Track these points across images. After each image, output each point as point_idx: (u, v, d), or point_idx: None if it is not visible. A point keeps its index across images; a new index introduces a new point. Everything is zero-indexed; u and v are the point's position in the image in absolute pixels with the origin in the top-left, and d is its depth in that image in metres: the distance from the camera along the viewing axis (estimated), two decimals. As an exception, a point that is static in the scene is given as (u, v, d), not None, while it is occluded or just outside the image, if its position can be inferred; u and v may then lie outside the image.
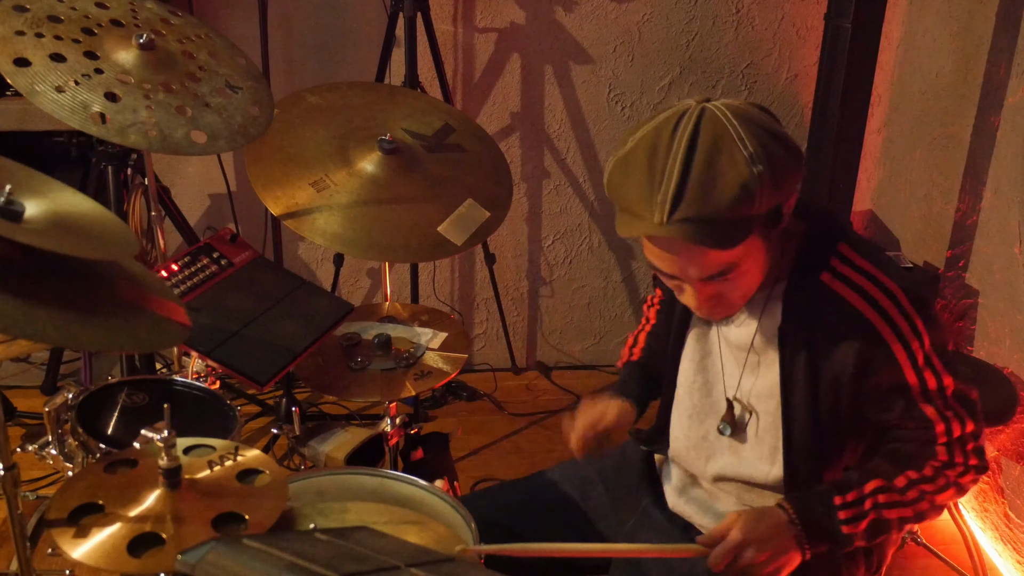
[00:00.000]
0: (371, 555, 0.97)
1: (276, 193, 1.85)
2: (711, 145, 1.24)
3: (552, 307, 3.43)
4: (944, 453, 1.42)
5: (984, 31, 2.56)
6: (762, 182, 1.23)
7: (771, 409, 1.47)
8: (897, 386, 1.38)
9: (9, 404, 2.76)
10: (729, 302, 1.39)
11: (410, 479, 1.62)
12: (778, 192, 1.27)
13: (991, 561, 2.52)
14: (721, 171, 1.23)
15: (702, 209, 1.23)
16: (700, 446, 1.58)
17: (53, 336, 1.17)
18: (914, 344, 1.36)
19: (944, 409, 1.40)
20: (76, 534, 1.23)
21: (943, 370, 1.39)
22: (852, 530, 1.40)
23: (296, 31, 2.96)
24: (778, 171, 1.25)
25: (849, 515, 1.40)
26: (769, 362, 1.46)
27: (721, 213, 1.23)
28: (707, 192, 1.23)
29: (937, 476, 1.42)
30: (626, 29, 3.06)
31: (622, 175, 1.31)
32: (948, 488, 1.43)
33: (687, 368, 1.59)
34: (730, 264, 1.31)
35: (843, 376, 1.39)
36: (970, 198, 2.64)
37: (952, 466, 1.43)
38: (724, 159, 1.23)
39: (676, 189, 1.23)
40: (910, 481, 1.42)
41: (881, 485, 1.41)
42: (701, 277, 1.33)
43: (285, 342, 1.83)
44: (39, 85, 1.59)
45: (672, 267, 1.33)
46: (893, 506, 1.41)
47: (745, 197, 1.23)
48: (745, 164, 1.23)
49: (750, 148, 1.24)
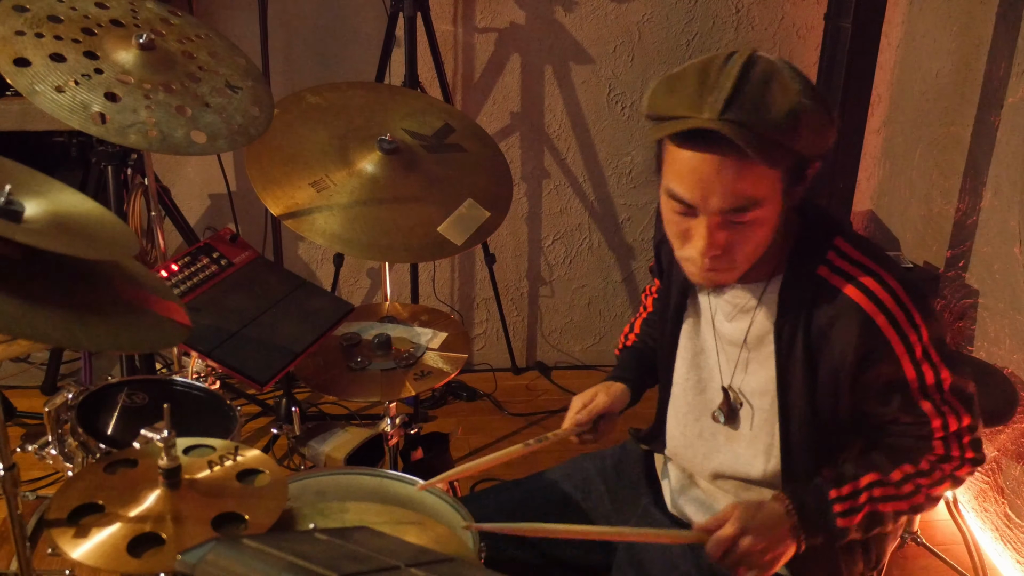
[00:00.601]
0: (371, 555, 0.97)
1: (276, 193, 1.85)
2: (764, 72, 1.25)
3: (552, 307, 3.43)
4: (941, 447, 1.43)
5: (984, 31, 2.56)
6: (810, 116, 1.24)
7: (767, 405, 1.47)
8: (895, 380, 1.38)
9: (9, 404, 2.77)
10: (732, 259, 1.35)
11: (410, 479, 1.62)
12: (815, 137, 1.27)
13: (991, 561, 2.52)
14: (774, 92, 1.24)
15: (753, 115, 1.22)
16: (696, 443, 1.58)
17: (53, 336, 1.17)
18: (912, 337, 1.36)
19: (941, 404, 1.40)
20: (76, 534, 1.23)
21: (940, 363, 1.39)
22: (847, 523, 1.41)
23: (296, 31, 2.96)
24: (820, 116, 1.27)
25: (844, 508, 1.41)
26: (764, 358, 1.46)
27: (769, 127, 1.23)
28: (760, 103, 1.23)
29: (933, 470, 1.43)
30: (626, 29, 3.06)
31: (668, 88, 1.29)
32: (944, 481, 1.44)
33: (681, 366, 1.59)
34: (751, 199, 1.28)
35: (841, 370, 1.39)
36: (970, 198, 2.64)
37: (948, 460, 1.43)
38: (776, 85, 1.25)
39: (731, 92, 1.22)
40: (906, 475, 1.42)
41: (876, 479, 1.42)
42: (721, 207, 1.28)
43: (285, 342, 1.83)
44: (39, 85, 1.59)
45: (695, 188, 1.28)
46: (888, 500, 1.42)
47: (793, 122, 1.23)
48: (796, 94, 1.24)
49: (799, 85, 1.26)
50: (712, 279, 1.40)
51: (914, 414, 1.41)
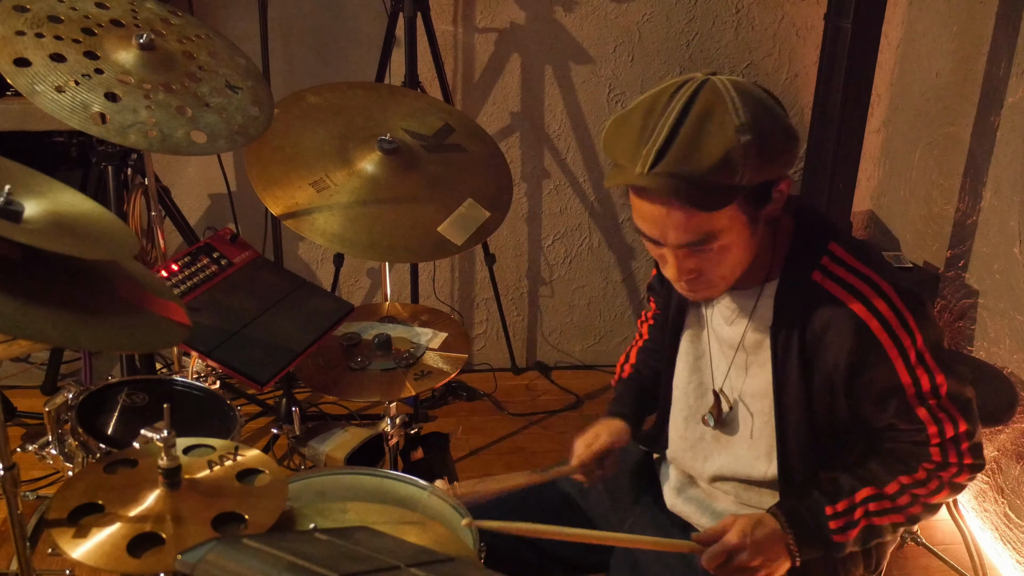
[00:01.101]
0: (371, 555, 0.97)
1: (276, 193, 1.85)
2: (704, 110, 1.25)
3: (552, 307, 3.43)
4: (938, 454, 1.42)
5: (984, 31, 2.56)
6: (747, 153, 1.24)
7: (765, 408, 1.47)
8: (890, 386, 1.38)
9: (9, 404, 2.76)
10: (709, 280, 1.38)
11: (410, 479, 1.62)
12: (764, 168, 1.27)
13: (991, 561, 2.52)
14: (708, 135, 1.24)
15: (683, 166, 1.23)
16: (697, 447, 1.58)
17: (53, 336, 1.17)
18: (906, 341, 1.36)
19: (937, 411, 1.39)
20: (76, 534, 1.23)
21: (936, 368, 1.38)
22: (843, 539, 1.41)
23: (296, 31, 2.96)
24: (767, 147, 1.26)
25: (840, 524, 1.41)
26: (761, 362, 1.46)
27: (701, 174, 1.23)
28: (691, 151, 1.23)
29: (930, 479, 1.42)
30: (626, 29, 3.06)
31: (617, 130, 1.32)
32: (942, 489, 1.43)
33: (682, 370, 1.60)
34: (709, 233, 1.30)
35: (836, 375, 1.38)
36: (970, 198, 2.64)
37: (946, 467, 1.42)
38: (714, 125, 1.24)
39: (662, 144, 1.24)
40: (902, 486, 1.42)
41: (872, 493, 1.41)
42: (680, 243, 1.31)
43: (285, 342, 1.83)
44: (39, 85, 1.59)
45: (653, 228, 1.32)
46: (884, 513, 1.42)
47: (727, 164, 1.23)
48: (733, 132, 1.24)
49: (742, 119, 1.25)
50: (696, 297, 1.44)
51: (910, 420, 1.40)
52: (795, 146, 1.31)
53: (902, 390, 1.38)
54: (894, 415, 1.40)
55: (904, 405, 1.39)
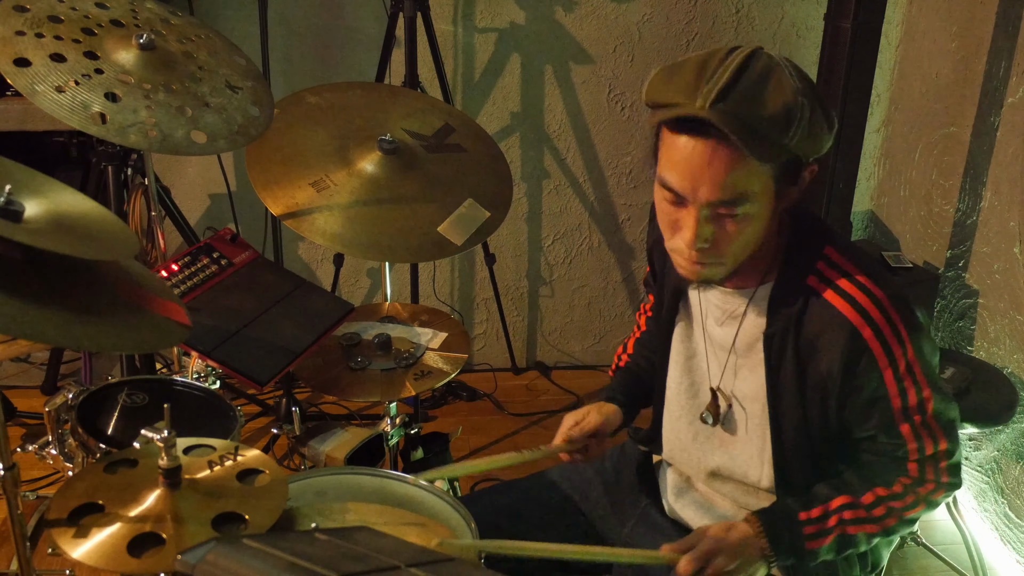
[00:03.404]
0: (371, 555, 0.97)
1: (276, 193, 1.85)
2: (763, 69, 1.25)
3: (552, 307, 3.43)
4: (915, 471, 1.42)
5: (984, 31, 2.56)
6: (803, 114, 1.24)
7: (758, 410, 1.47)
8: (876, 395, 1.37)
9: (9, 404, 2.76)
10: (720, 253, 1.34)
11: (410, 479, 1.62)
12: (810, 139, 1.27)
13: (991, 561, 2.52)
14: (770, 88, 1.24)
15: (746, 108, 1.22)
16: (691, 447, 1.58)
17: (53, 336, 1.17)
18: (897, 351, 1.35)
19: (920, 428, 1.39)
20: (76, 534, 1.23)
21: (924, 383, 1.37)
22: (816, 545, 1.40)
23: (296, 31, 2.96)
24: (816, 118, 1.27)
25: (813, 531, 1.40)
26: (754, 364, 1.46)
27: (761, 121, 1.23)
28: (754, 97, 1.23)
29: (906, 493, 1.42)
30: (626, 29, 3.06)
31: (667, 76, 1.29)
32: (917, 504, 1.43)
33: (674, 370, 1.59)
34: (741, 194, 1.27)
35: (829, 381, 1.38)
36: (970, 198, 2.64)
37: (922, 483, 1.42)
38: (774, 81, 1.25)
39: (726, 83, 1.23)
40: (878, 498, 1.41)
41: (847, 502, 1.41)
42: (710, 198, 1.27)
43: (285, 342, 1.83)
44: (39, 85, 1.59)
45: (686, 178, 1.28)
46: (859, 523, 1.41)
47: (786, 118, 1.23)
48: (792, 92, 1.24)
49: (798, 84, 1.26)
50: (699, 272, 1.38)
51: (891, 435, 1.40)
52: (833, 129, 1.32)
53: (887, 401, 1.37)
54: (876, 426, 1.40)
55: (888, 417, 1.38)
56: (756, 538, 1.40)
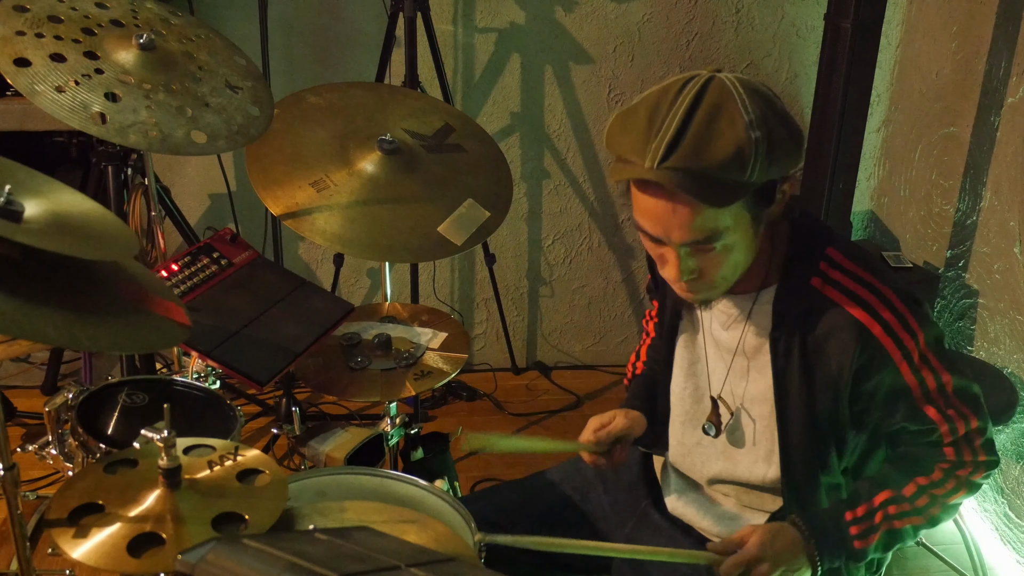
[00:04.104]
0: (371, 555, 0.97)
1: (276, 193, 1.85)
2: (713, 105, 1.24)
3: (552, 307, 3.42)
4: (952, 454, 1.41)
5: (984, 31, 2.56)
6: (757, 149, 1.23)
7: (765, 413, 1.47)
8: (896, 388, 1.37)
9: (9, 404, 2.77)
10: (710, 281, 1.36)
11: (410, 479, 1.62)
12: (773, 166, 1.26)
13: (991, 561, 2.52)
14: (719, 130, 1.23)
15: (694, 162, 1.22)
16: (695, 451, 1.58)
17: (53, 336, 1.17)
18: (909, 343, 1.35)
19: (946, 408, 1.39)
20: (76, 534, 1.23)
21: (940, 367, 1.38)
22: (864, 544, 1.40)
23: (296, 31, 2.96)
24: (775, 145, 1.25)
25: (860, 529, 1.40)
26: (761, 367, 1.45)
27: (712, 170, 1.22)
28: (702, 147, 1.22)
29: (947, 479, 1.42)
30: (626, 29, 3.06)
31: (622, 126, 1.30)
32: (959, 489, 1.43)
33: (678, 375, 1.59)
34: (714, 231, 1.28)
35: (839, 381, 1.38)
36: (970, 198, 2.64)
37: (962, 466, 1.42)
38: (724, 120, 1.23)
39: (672, 138, 1.22)
40: (919, 488, 1.41)
41: (890, 496, 1.41)
42: (683, 240, 1.29)
43: (285, 342, 1.83)
44: (39, 85, 1.59)
45: (657, 225, 1.30)
46: (904, 516, 1.41)
47: (738, 160, 1.22)
48: (744, 129, 1.23)
49: (751, 115, 1.24)
50: (694, 298, 1.41)
51: (920, 421, 1.40)
52: (801, 145, 1.31)
53: (908, 392, 1.37)
54: (903, 418, 1.40)
55: (912, 407, 1.38)
56: (803, 542, 1.40)
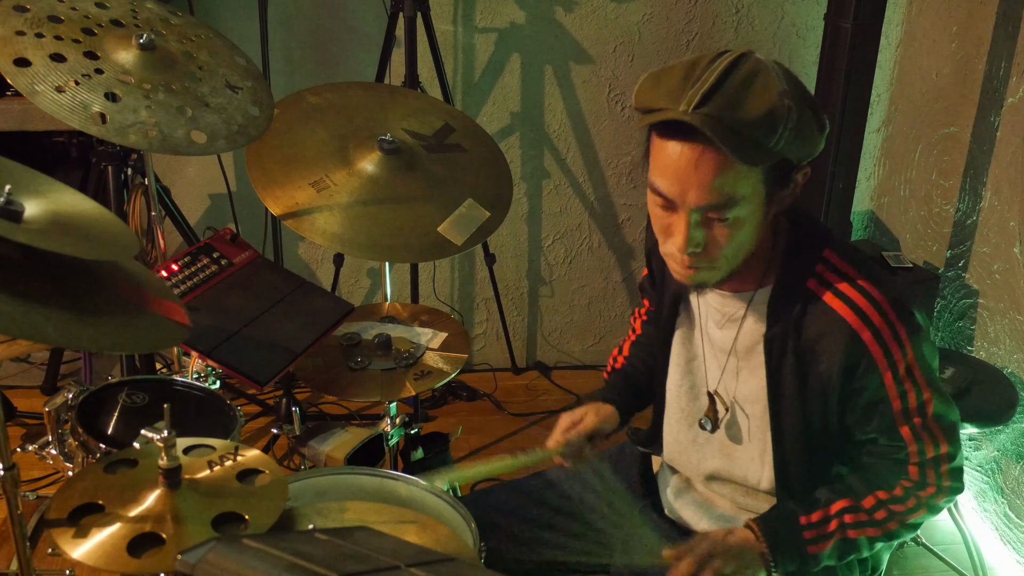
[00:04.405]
0: (371, 555, 0.97)
1: (276, 193, 1.85)
2: (750, 71, 1.25)
3: (552, 307, 3.43)
4: (916, 474, 1.41)
5: (984, 31, 2.56)
6: (789, 116, 1.24)
7: (759, 413, 1.47)
8: (877, 398, 1.37)
9: (9, 404, 2.77)
10: (712, 258, 1.34)
11: (410, 479, 1.62)
12: (797, 141, 1.26)
13: (991, 561, 2.52)
14: (755, 91, 1.24)
15: (729, 112, 1.22)
16: (691, 449, 1.58)
17: (53, 336, 1.17)
18: (896, 354, 1.35)
19: (921, 430, 1.38)
20: (76, 534, 1.23)
21: (924, 385, 1.37)
22: (817, 550, 1.40)
23: (296, 31, 2.96)
24: (804, 121, 1.26)
25: (813, 535, 1.40)
26: (755, 367, 1.45)
27: (745, 125, 1.22)
28: (738, 101, 1.23)
29: (908, 496, 1.41)
30: (626, 29, 3.06)
31: (654, 81, 1.30)
32: (919, 508, 1.42)
33: (674, 373, 1.59)
34: (731, 197, 1.27)
35: (829, 384, 1.38)
36: (970, 198, 2.64)
37: (923, 487, 1.41)
38: (760, 84, 1.24)
39: (711, 87, 1.23)
40: (879, 501, 1.41)
41: (848, 505, 1.41)
42: (699, 202, 1.28)
43: (285, 342, 1.83)
44: (39, 85, 1.59)
45: (674, 183, 1.28)
46: (860, 526, 1.41)
47: (770, 122, 1.23)
48: (778, 95, 1.24)
49: (786, 86, 1.25)
50: (693, 277, 1.38)
51: (892, 438, 1.39)
52: (823, 132, 1.31)
53: (888, 403, 1.37)
54: (877, 429, 1.39)
55: (888, 420, 1.38)
56: (756, 543, 1.40)
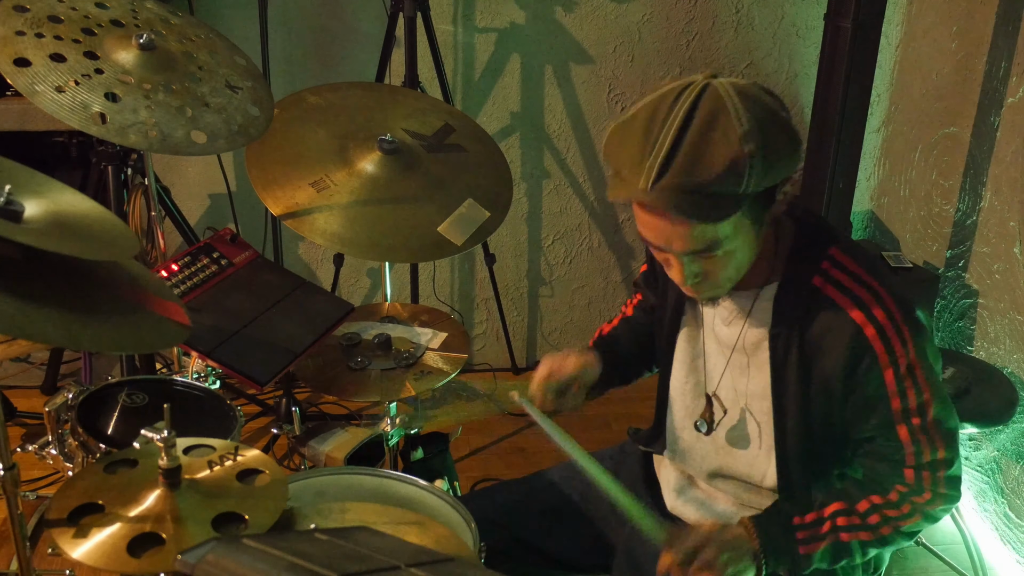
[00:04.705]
0: (371, 555, 0.97)
1: (276, 193, 1.85)
2: (707, 118, 1.23)
3: (552, 307, 3.42)
4: (912, 478, 1.40)
5: (984, 31, 2.56)
6: (752, 162, 1.22)
7: (763, 410, 1.47)
8: (877, 395, 1.37)
9: (9, 404, 2.76)
10: (715, 281, 1.37)
11: (410, 479, 1.62)
12: (769, 174, 1.26)
13: (991, 561, 2.52)
14: (712, 145, 1.22)
15: (687, 179, 1.22)
16: (695, 447, 1.58)
17: (53, 336, 1.17)
18: (899, 351, 1.35)
19: (919, 432, 1.37)
20: (76, 534, 1.23)
21: (925, 386, 1.36)
22: (808, 551, 1.40)
23: (296, 31, 2.96)
24: (771, 153, 1.24)
25: (806, 536, 1.40)
26: (759, 364, 1.46)
27: (706, 186, 1.22)
28: (695, 163, 1.22)
29: (903, 502, 1.40)
30: (626, 29, 3.06)
31: (619, 140, 1.30)
32: (914, 515, 1.41)
33: (679, 370, 1.59)
34: (714, 241, 1.29)
35: (833, 381, 1.38)
36: (970, 198, 2.64)
37: (919, 492, 1.40)
38: (718, 134, 1.22)
39: (665, 156, 1.22)
40: (873, 506, 1.40)
41: (841, 508, 1.41)
42: (685, 251, 1.31)
43: (285, 342, 1.83)
44: (39, 85, 1.59)
45: (658, 238, 1.31)
46: (852, 529, 1.41)
47: (733, 174, 1.22)
48: (737, 141, 1.22)
49: (745, 126, 1.22)
50: (701, 296, 1.43)
51: (889, 438, 1.39)
52: (799, 149, 1.30)
53: (887, 401, 1.36)
54: (875, 427, 1.39)
55: (886, 418, 1.37)
56: (748, 539, 1.40)
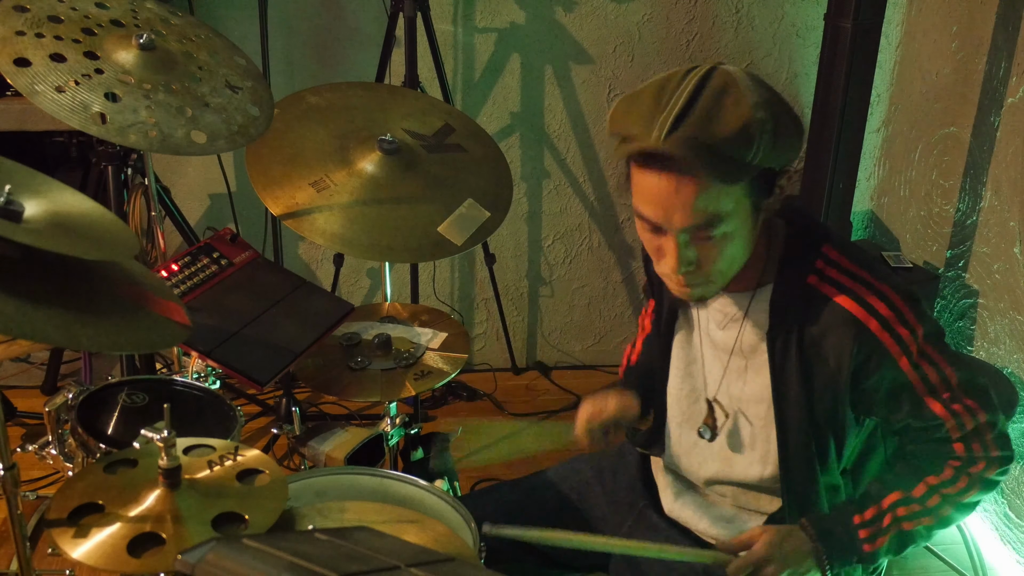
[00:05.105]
0: (371, 555, 0.97)
1: (276, 193, 1.85)
2: (720, 87, 1.24)
3: (552, 307, 3.43)
4: (962, 449, 1.39)
5: (984, 31, 2.56)
6: (763, 128, 1.23)
7: (762, 413, 1.47)
8: (898, 384, 1.37)
9: (9, 404, 2.77)
10: (707, 274, 1.34)
11: (410, 479, 1.62)
12: (776, 149, 1.26)
13: (991, 561, 2.52)
14: (727, 107, 1.23)
15: (702, 132, 1.21)
16: (692, 452, 1.58)
17: (53, 336, 1.17)
18: (907, 337, 1.35)
19: (951, 403, 1.37)
20: (76, 534, 1.23)
21: (942, 360, 1.37)
22: (874, 547, 1.40)
23: (296, 31, 2.96)
24: (780, 129, 1.25)
25: (869, 533, 1.40)
26: (757, 366, 1.45)
27: (719, 144, 1.21)
28: (711, 120, 1.22)
29: (958, 476, 1.40)
30: (626, 29, 3.06)
31: (627, 107, 1.30)
32: (972, 487, 1.41)
33: (675, 376, 1.59)
34: (715, 215, 1.27)
35: (838, 379, 1.37)
36: (970, 198, 2.64)
37: (973, 462, 1.40)
38: (730, 99, 1.23)
39: (680, 111, 1.22)
40: (930, 487, 1.40)
41: (900, 497, 1.40)
42: (684, 224, 1.28)
43: (285, 342, 1.83)
44: (39, 85, 1.59)
45: (658, 208, 1.28)
46: (914, 517, 1.40)
47: (745, 137, 1.22)
48: (750, 108, 1.23)
49: (756, 97, 1.24)
50: (691, 294, 1.39)
51: (925, 417, 1.38)
52: (802, 136, 1.31)
53: (911, 387, 1.36)
54: (908, 414, 1.39)
55: (916, 402, 1.37)
56: (811, 546, 1.40)
